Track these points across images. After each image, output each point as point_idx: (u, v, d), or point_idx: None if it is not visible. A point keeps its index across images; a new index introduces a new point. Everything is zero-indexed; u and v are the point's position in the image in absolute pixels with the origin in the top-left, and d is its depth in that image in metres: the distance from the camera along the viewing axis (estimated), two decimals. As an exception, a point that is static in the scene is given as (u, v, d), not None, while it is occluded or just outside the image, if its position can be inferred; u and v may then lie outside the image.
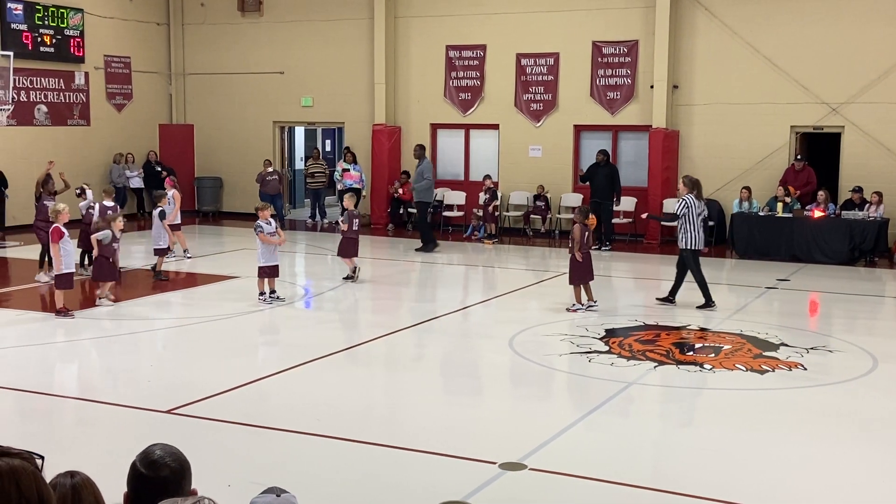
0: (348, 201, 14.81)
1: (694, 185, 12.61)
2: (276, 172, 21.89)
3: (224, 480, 6.18)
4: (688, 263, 12.55)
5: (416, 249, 17.62)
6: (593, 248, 12.84)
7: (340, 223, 14.64)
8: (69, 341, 10.87)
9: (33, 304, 12.90)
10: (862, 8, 17.65)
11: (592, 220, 13.14)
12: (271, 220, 12.94)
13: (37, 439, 7.31)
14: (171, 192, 15.94)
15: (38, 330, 11.27)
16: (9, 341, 10.69)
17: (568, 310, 12.24)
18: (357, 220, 14.60)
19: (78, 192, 14.88)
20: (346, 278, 14.38)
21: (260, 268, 12.66)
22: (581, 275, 12.32)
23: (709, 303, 12.48)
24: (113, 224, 12.25)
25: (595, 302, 12.35)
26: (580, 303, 12.30)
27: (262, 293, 12.66)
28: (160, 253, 14.62)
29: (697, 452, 7.25)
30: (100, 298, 12.29)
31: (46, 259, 13.68)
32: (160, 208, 14.82)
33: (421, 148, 18.20)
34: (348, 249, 14.45)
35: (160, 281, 14.31)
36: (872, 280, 15.77)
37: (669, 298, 12.77)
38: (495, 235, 19.61)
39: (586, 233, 12.40)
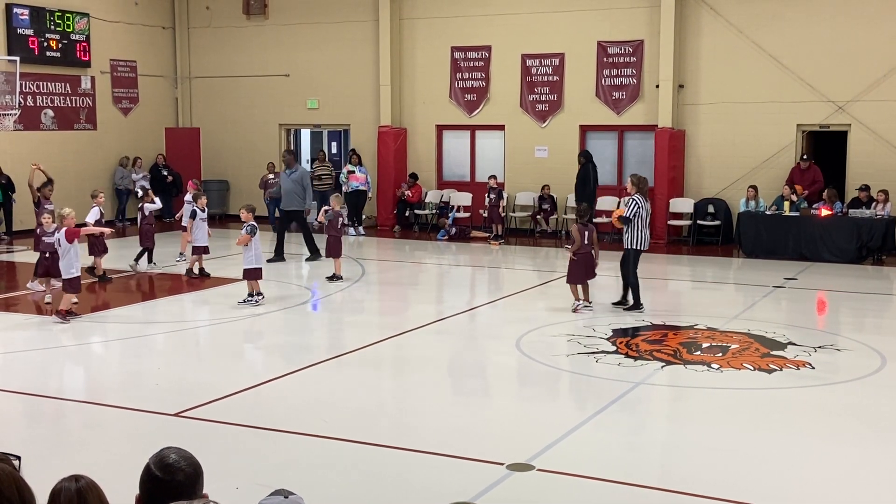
0: (334, 201, 15.11)
1: (641, 184, 12.48)
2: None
3: (232, 483, 6.18)
4: (628, 262, 12.33)
5: (307, 259, 16.58)
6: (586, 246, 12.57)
7: (324, 217, 14.95)
8: (77, 345, 10.89)
9: (41, 308, 12.92)
10: (868, 6, 17.60)
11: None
12: (251, 225, 12.69)
13: (44, 442, 7.34)
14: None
15: (46, 334, 11.28)
16: (17, 345, 10.74)
17: (573, 310, 12.23)
18: (341, 219, 15.05)
19: (140, 193, 15.13)
20: (332, 278, 14.42)
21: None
22: (578, 274, 12.32)
23: (637, 305, 12.30)
24: (44, 219, 12.40)
25: (589, 303, 12.35)
26: (577, 300, 12.29)
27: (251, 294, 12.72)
28: (198, 251, 14.96)
29: (705, 452, 7.24)
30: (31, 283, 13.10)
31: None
32: (193, 208, 15.34)
33: (290, 153, 17.28)
34: (336, 249, 14.60)
35: (191, 279, 14.71)
36: (880, 278, 15.72)
37: (624, 302, 12.50)
38: (501, 236, 19.59)
39: (585, 232, 12.39)
